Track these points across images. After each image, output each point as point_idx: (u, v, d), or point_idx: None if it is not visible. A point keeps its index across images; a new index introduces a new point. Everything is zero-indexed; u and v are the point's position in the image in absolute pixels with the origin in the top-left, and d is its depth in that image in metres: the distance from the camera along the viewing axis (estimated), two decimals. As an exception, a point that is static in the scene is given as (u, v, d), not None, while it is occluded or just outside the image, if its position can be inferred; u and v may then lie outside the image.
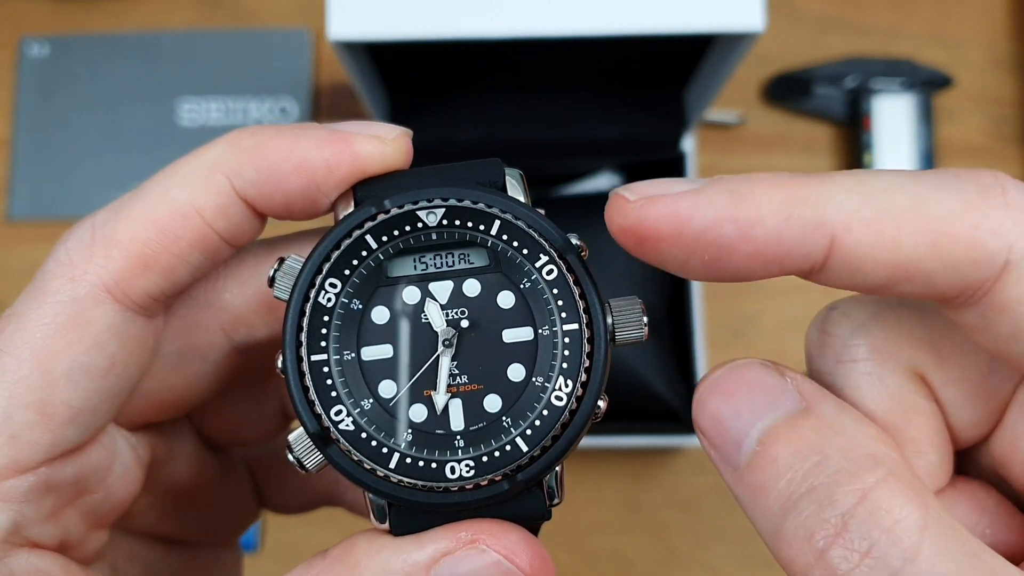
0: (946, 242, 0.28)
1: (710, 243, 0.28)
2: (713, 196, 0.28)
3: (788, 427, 0.28)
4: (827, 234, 0.28)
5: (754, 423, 0.29)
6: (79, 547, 0.35)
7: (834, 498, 0.26)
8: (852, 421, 0.28)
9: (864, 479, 0.26)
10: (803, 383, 0.29)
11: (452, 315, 0.32)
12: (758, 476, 0.28)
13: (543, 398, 0.32)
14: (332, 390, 0.32)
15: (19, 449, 0.31)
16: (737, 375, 0.30)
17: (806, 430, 0.28)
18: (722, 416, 0.29)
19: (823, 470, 0.27)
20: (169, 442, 0.39)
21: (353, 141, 0.33)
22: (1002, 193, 0.28)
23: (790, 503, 0.27)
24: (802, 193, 0.28)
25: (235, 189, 0.33)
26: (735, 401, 0.29)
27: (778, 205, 0.28)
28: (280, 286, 0.32)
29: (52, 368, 0.32)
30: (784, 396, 0.29)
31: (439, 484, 0.31)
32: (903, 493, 0.26)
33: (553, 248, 0.32)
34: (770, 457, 0.28)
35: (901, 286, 0.29)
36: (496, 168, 0.34)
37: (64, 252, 0.33)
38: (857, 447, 0.27)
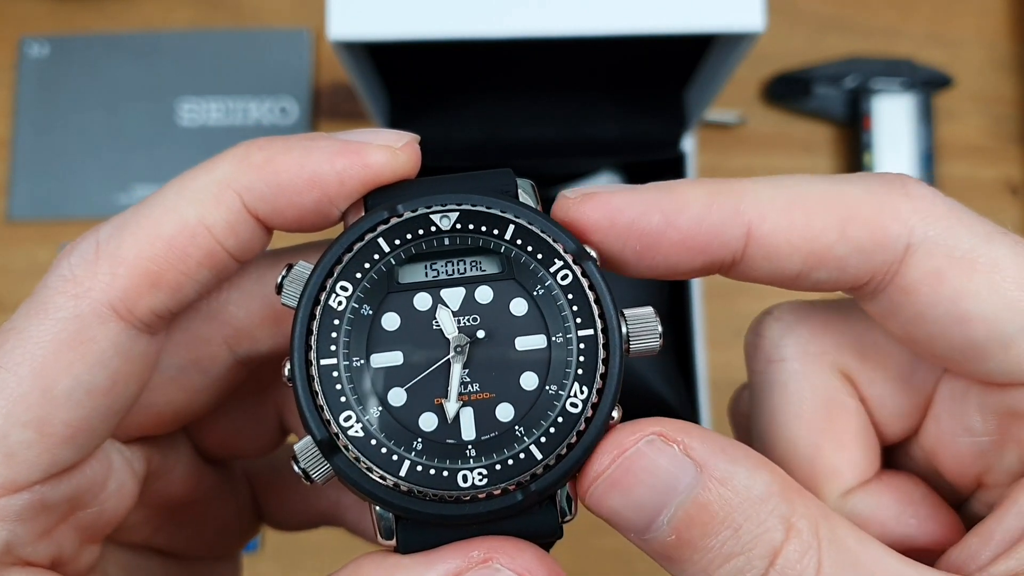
0: (853, 226, 0.31)
1: (640, 232, 0.31)
2: (643, 191, 0.32)
3: (694, 506, 0.29)
4: (744, 222, 0.31)
5: (660, 511, 0.29)
6: (72, 563, 0.34)
7: (751, 566, 0.29)
8: (748, 472, 0.29)
9: (772, 543, 0.28)
10: (692, 442, 0.30)
11: (464, 322, 0.32)
12: (672, 551, 0.30)
13: (557, 406, 0.31)
14: (341, 395, 0.31)
15: (15, 468, 0.31)
16: (629, 469, 0.30)
17: (712, 505, 0.29)
18: (625, 512, 0.30)
19: (737, 541, 0.29)
20: (165, 455, 0.38)
21: (364, 152, 0.32)
22: (903, 186, 0.31)
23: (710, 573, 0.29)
24: (722, 188, 0.32)
25: (245, 205, 0.32)
26: (634, 496, 0.30)
27: (700, 196, 0.31)
28: (288, 292, 0.32)
29: (52, 386, 0.31)
30: (681, 473, 0.29)
31: (451, 493, 0.30)
32: (802, 543, 0.29)
33: (568, 254, 0.32)
34: (684, 538, 0.29)
35: (816, 273, 0.32)
36: (508, 177, 0.34)
37: (67, 267, 0.32)
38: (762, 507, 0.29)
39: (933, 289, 0.30)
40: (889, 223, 0.31)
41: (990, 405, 0.32)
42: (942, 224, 0.31)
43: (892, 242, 0.30)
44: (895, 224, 0.31)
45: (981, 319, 0.30)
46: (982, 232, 0.31)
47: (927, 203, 0.31)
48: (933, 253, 0.30)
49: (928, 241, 0.30)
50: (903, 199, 0.31)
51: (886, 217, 0.31)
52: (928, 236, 0.30)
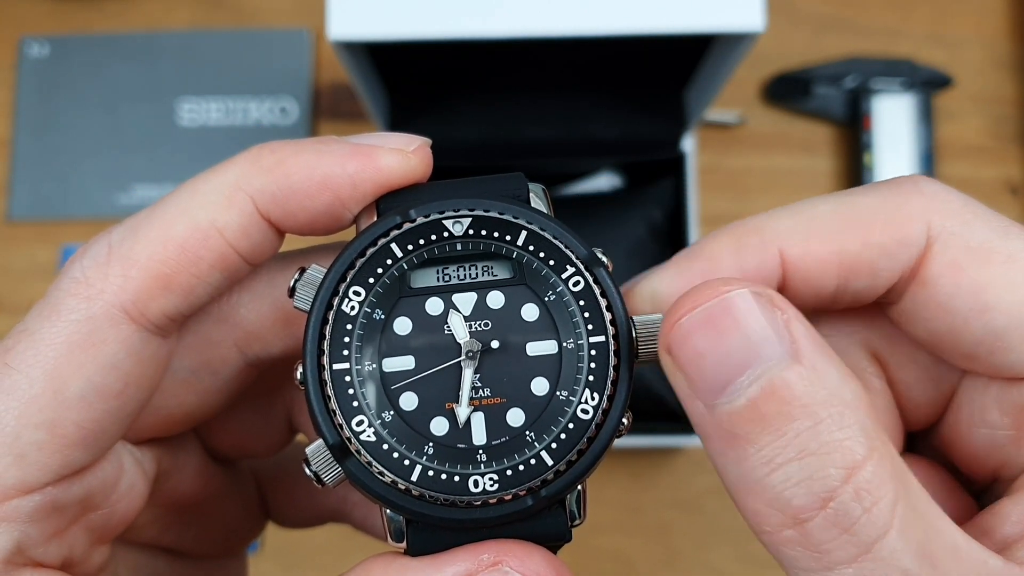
0: (873, 232, 0.31)
1: None
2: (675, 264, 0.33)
3: (780, 381, 0.27)
4: (775, 254, 0.32)
5: (743, 370, 0.27)
6: (82, 564, 0.34)
7: (825, 472, 0.27)
8: (838, 374, 0.28)
9: (853, 455, 0.27)
10: (794, 321, 0.28)
11: (475, 327, 0.32)
12: (741, 427, 0.27)
13: (568, 411, 0.31)
14: (354, 400, 0.31)
15: (27, 469, 0.31)
16: (729, 312, 0.28)
17: (798, 386, 0.27)
18: (708, 356, 0.28)
19: (814, 437, 0.27)
20: (175, 455, 0.38)
21: (376, 155, 0.32)
22: (915, 185, 0.32)
23: (775, 464, 0.27)
24: (744, 230, 0.32)
25: (257, 208, 0.32)
26: (724, 342, 0.28)
27: (727, 246, 0.32)
28: (301, 296, 0.32)
29: (64, 388, 0.31)
30: (777, 340, 0.28)
31: (462, 498, 0.30)
32: (883, 470, 0.27)
33: (580, 260, 0.32)
34: (759, 412, 0.27)
35: (852, 284, 0.32)
36: (520, 182, 0.34)
37: (79, 269, 0.32)
38: (847, 413, 0.27)
39: (953, 280, 0.31)
40: (907, 221, 0.31)
41: (1010, 399, 0.32)
42: (958, 218, 0.31)
43: (914, 238, 0.31)
44: (913, 221, 0.31)
45: (1001, 309, 0.30)
46: (998, 226, 0.31)
47: (941, 199, 0.31)
48: (951, 245, 0.31)
49: (945, 233, 0.31)
50: (917, 197, 0.32)
51: (903, 216, 0.31)
52: (945, 229, 0.31)
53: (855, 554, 0.26)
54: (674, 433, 0.81)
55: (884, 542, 0.26)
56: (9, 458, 0.30)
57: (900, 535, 0.26)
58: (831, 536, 0.27)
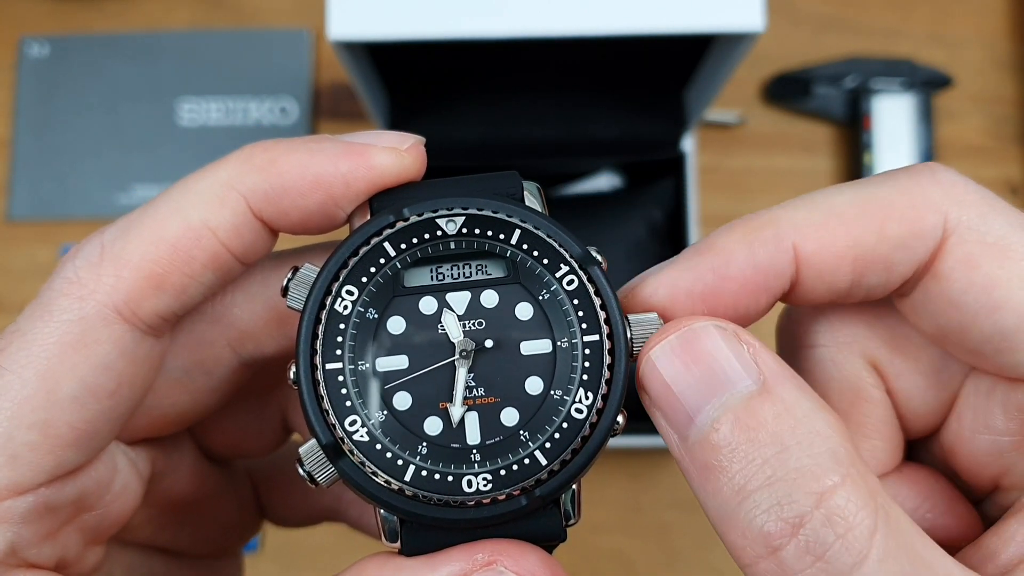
0: (889, 224, 0.31)
1: (701, 296, 0.31)
2: (686, 258, 0.32)
3: (747, 409, 0.27)
4: (788, 248, 0.31)
5: (710, 399, 0.28)
6: (76, 564, 0.34)
7: (793, 498, 0.26)
8: (811, 406, 0.28)
9: (823, 481, 0.26)
10: (761, 354, 0.29)
11: (469, 326, 0.32)
12: (711, 456, 0.28)
13: (562, 411, 0.31)
14: (347, 400, 0.31)
15: (19, 470, 0.31)
16: (693, 342, 0.29)
17: (766, 415, 0.27)
18: (676, 386, 0.29)
19: (782, 464, 0.27)
20: (169, 455, 0.38)
21: (369, 154, 0.32)
22: (931, 174, 0.31)
23: (745, 492, 0.27)
24: (757, 223, 0.31)
25: (250, 207, 0.32)
26: (691, 371, 0.28)
27: (739, 240, 0.31)
28: (294, 295, 0.32)
29: (57, 389, 0.31)
30: (743, 370, 0.28)
31: (455, 498, 0.30)
32: (858, 497, 0.27)
33: (573, 258, 0.32)
34: (726, 440, 0.27)
35: (867, 278, 0.31)
36: (514, 180, 0.34)
37: (72, 269, 0.32)
38: (817, 440, 0.27)
39: (966, 275, 0.30)
40: (924, 213, 0.30)
41: (1013, 402, 0.32)
42: (975, 210, 0.30)
43: (930, 230, 0.30)
44: (929, 213, 0.30)
45: (1012, 308, 0.30)
46: (1015, 221, 0.30)
47: (959, 189, 0.31)
48: (966, 239, 0.30)
49: (962, 226, 0.30)
50: (934, 187, 0.31)
51: (919, 208, 0.31)
52: (962, 221, 0.30)
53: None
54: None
55: (861, 571, 0.26)
56: (1, 459, 0.30)
57: (879, 564, 0.26)
58: (805, 564, 0.26)
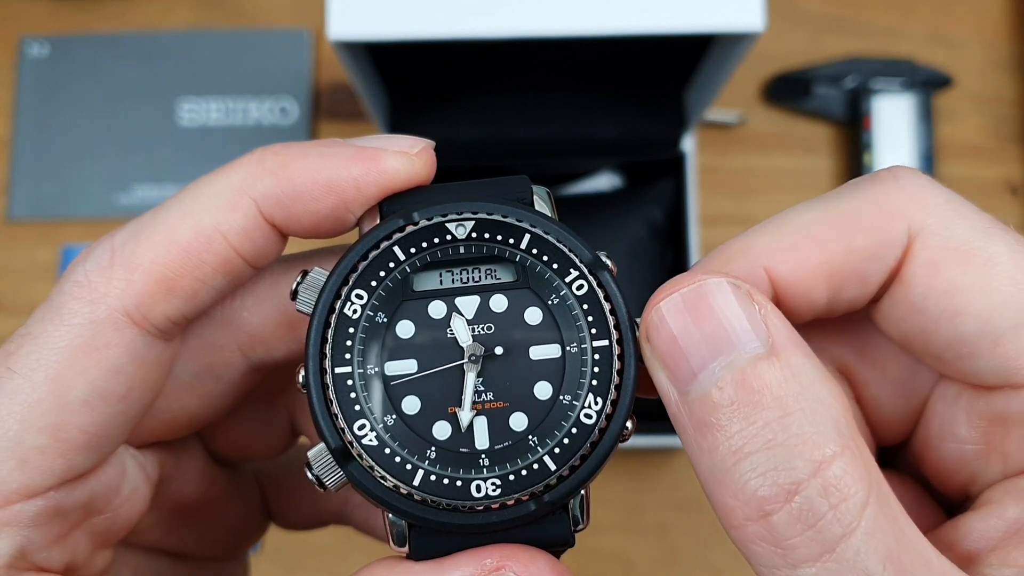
0: (858, 237, 0.30)
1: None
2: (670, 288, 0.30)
3: (752, 370, 0.27)
4: (761, 275, 0.31)
5: (716, 357, 0.28)
6: (85, 568, 0.34)
7: (791, 464, 0.26)
8: (816, 374, 0.28)
9: (823, 450, 0.26)
10: (772, 316, 0.28)
11: (478, 330, 0.32)
12: (711, 414, 0.27)
13: (571, 416, 0.31)
14: (356, 404, 0.31)
15: (30, 474, 0.31)
16: (706, 298, 0.28)
17: (771, 377, 0.27)
18: (682, 340, 0.28)
19: (783, 429, 0.27)
20: (177, 459, 0.38)
21: (380, 158, 0.32)
22: (894, 179, 0.31)
23: (742, 454, 0.27)
24: (730, 253, 0.31)
25: (261, 211, 0.32)
26: (699, 327, 0.28)
27: (716, 271, 0.30)
28: (303, 299, 0.32)
29: (67, 392, 0.31)
30: (752, 331, 0.28)
31: (464, 503, 0.30)
32: (854, 469, 0.26)
33: (583, 263, 0.32)
34: (728, 399, 0.27)
35: (844, 293, 0.31)
36: (524, 185, 0.33)
37: (82, 273, 0.32)
38: (820, 409, 0.27)
39: (927, 281, 0.30)
40: (888, 222, 0.30)
41: (977, 409, 0.32)
42: (938, 215, 0.30)
43: (896, 238, 0.30)
44: (893, 221, 0.30)
45: (973, 314, 0.29)
46: (980, 225, 0.30)
47: (923, 194, 0.30)
48: (929, 244, 0.30)
49: (925, 231, 0.30)
50: (898, 194, 0.31)
51: (884, 217, 0.30)
52: (925, 226, 0.30)
53: (818, 552, 0.26)
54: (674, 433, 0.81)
55: (849, 542, 0.26)
56: (12, 462, 0.30)
57: (867, 537, 0.26)
58: (795, 532, 0.26)
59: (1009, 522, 0.30)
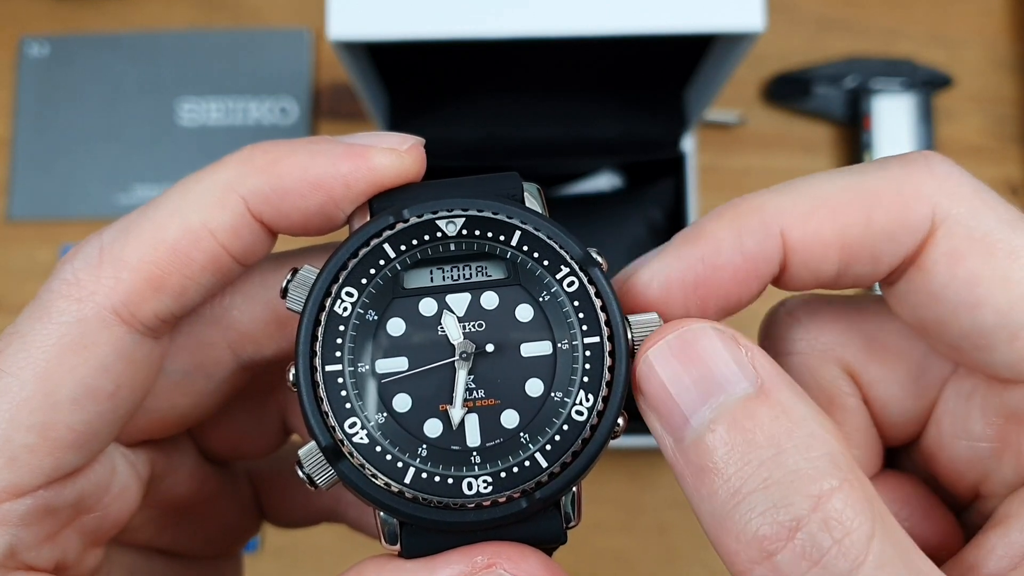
0: (877, 214, 0.30)
1: (693, 287, 0.31)
2: (674, 246, 0.32)
3: (743, 411, 0.27)
4: (776, 234, 0.31)
5: (706, 401, 0.28)
6: (76, 566, 0.34)
7: (789, 501, 0.26)
8: (807, 410, 0.28)
9: (820, 484, 0.26)
10: (759, 358, 0.28)
11: (469, 328, 0.32)
12: (706, 458, 0.27)
13: (563, 413, 0.31)
14: (346, 402, 0.31)
15: (18, 472, 0.31)
16: (691, 344, 0.29)
17: (763, 417, 0.27)
18: (672, 387, 0.28)
19: (779, 467, 0.26)
20: (168, 457, 0.38)
21: (369, 155, 0.32)
22: (926, 164, 0.31)
23: (740, 495, 0.27)
24: (745, 209, 0.31)
25: (249, 209, 0.32)
26: (688, 372, 0.28)
27: (727, 227, 0.31)
28: (293, 297, 0.32)
29: (55, 391, 0.31)
30: (740, 373, 0.28)
31: (455, 501, 0.30)
32: (856, 502, 0.26)
33: (574, 260, 0.32)
34: (722, 441, 0.27)
35: (853, 268, 0.31)
36: (514, 181, 0.33)
37: (70, 271, 0.32)
38: (814, 444, 0.27)
39: (949, 270, 0.30)
40: (913, 204, 0.30)
41: (992, 406, 0.32)
42: (966, 204, 0.30)
43: (918, 222, 0.30)
44: (919, 204, 0.30)
45: (992, 306, 0.29)
46: (1007, 218, 0.30)
47: (953, 181, 0.30)
48: (954, 232, 0.30)
49: (951, 219, 0.30)
50: (927, 178, 0.30)
51: (909, 199, 0.30)
52: (951, 214, 0.30)
53: None
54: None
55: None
56: (0, 461, 0.30)
57: (876, 571, 0.26)
58: (801, 569, 0.26)
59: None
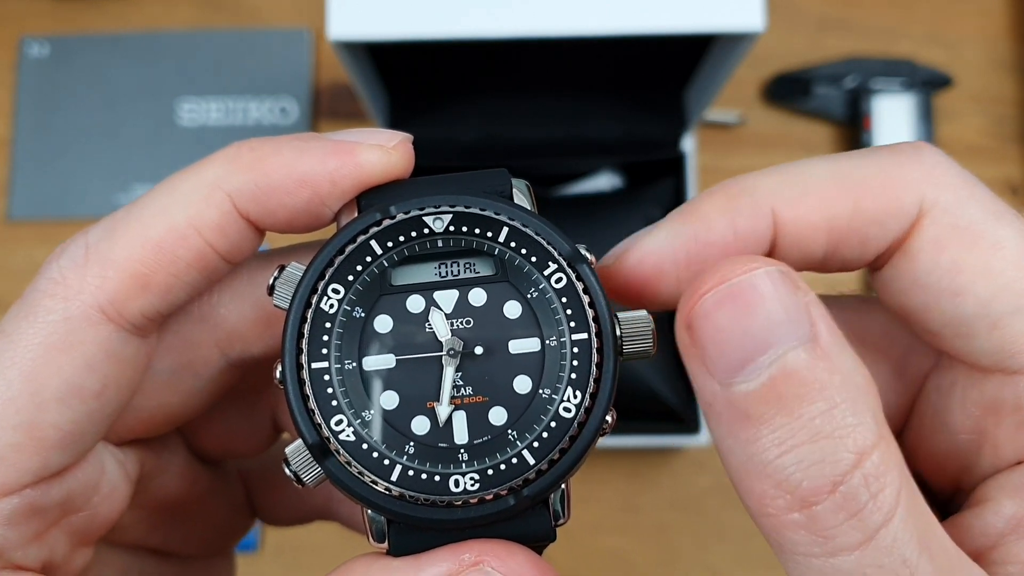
0: (867, 199, 0.31)
1: (684, 266, 0.32)
2: (666, 224, 0.32)
3: (799, 362, 0.26)
4: (767, 214, 0.31)
5: (765, 349, 0.27)
6: (64, 566, 0.34)
7: (837, 456, 0.26)
8: (854, 363, 0.27)
9: (865, 440, 0.26)
10: (814, 304, 0.27)
11: (457, 324, 0.31)
12: (756, 407, 0.27)
13: (550, 410, 0.31)
14: (333, 399, 0.30)
15: (4, 471, 0.30)
16: (755, 290, 0.27)
17: (817, 370, 0.26)
18: (729, 333, 0.27)
19: (829, 421, 0.26)
20: (158, 456, 0.38)
21: (356, 152, 0.32)
22: (916, 152, 0.31)
23: (787, 447, 0.26)
24: (737, 190, 0.32)
25: (236, 206, 0.32)
26: (747, 320, 0.27)
27: (719, 207, 0.31)
28: (280, 294, 0.31)
29: (42, 390, 0.31)
30: (798, 321, 0.27)
31: (442, 498, 0.30)
32: (889, 458, 0.27)
33: (562, 256, 0.32)
34: (776, 393, 0.26)
35: (841, 251, 0.31)
36: (503, 178, 0.33)
37: (56, 270, 0.32)
38: (860, 399, 0.27)
39: (932, 257, 0.30)
40: (900, 192, 0.30)
41: (972, 398, 0.32)
42: (952, 193, 0.30)
43: (905, 209, 0.30)
44: (906, 192, 0.30)
45: (973, 295, 0.30)
46: (992, 209, 0.30)
47: (941, 170, 0.31)
48: (939, 221, 0.30)
49: (937, 208, 0.30)
50: (915, 166, 0.31)
51: (897, 186, 0.30)
52: (938, 203, 0.30)
53: (860, 540, 0.26)
54: (674, 433, 0.81)
55: (888, 529, 0.26)
56: None
57: (903, 524, 0.26)
58: (838, 521, 0.26)
59: (1007, 518, 0.30)
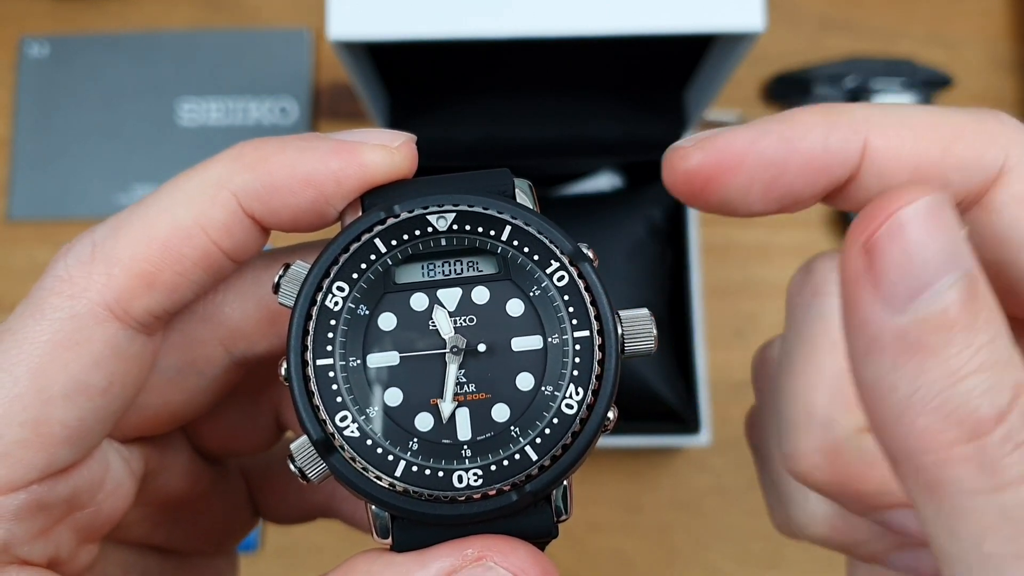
0: (958, 145, 0.32)
1: (767, 163, 0.31)
2: (762, 124, 0.32)
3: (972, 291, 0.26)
4: (860, 139, 0.31)
5: (945, 274, 0.25)
6: (70, 562, 0.34)
7: (1003, 385, 0.25)
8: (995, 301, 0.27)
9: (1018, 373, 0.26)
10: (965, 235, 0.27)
11: (460, 322, 0.32)
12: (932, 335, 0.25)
13: (553, 407, 0.31)
14: (337, 395, 0.31)
15: (11, 467, 0.31)
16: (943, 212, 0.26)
17: (982, 299, 0.26)
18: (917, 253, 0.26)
19: (996, 350, 0.26)
20: (162, 454, 0.38)
21: (360, 151, 0.32)
22: (996, 116, 0.33)
23: (958, 376, 0.25)
24: (837, 110, 0.32)
25: (241, 206, 0.32)
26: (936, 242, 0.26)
27: (819, 120, 0.32)
28: (285, 292, 0.32)
29: (48, 386, 0.31)
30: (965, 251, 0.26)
31: (446, 493, 0.30)
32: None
33: (564, 255, 0.32)
34: (951, 319, 0.25)
35: None
36: (505, 177, 0.34)
37: (63, 268, 0.32)
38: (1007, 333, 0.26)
39: (1015, 212, 0.31)
40: (987, 146, 0.32)
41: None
42: None
43: (990, 162, 0.31)
44: (992, 147, 0.32)
45: None
46: None
47: (1022, 134, 0.32)
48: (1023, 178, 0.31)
49: (1021, 166, 0.31)
50: (1000, 127, 0.32)
51: (985, 140, 0.32)
52: (1022, 162, 0.31)
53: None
54: (674, 433, 0.81)
55: None
56: None
57: None
58: (1005, 451, 0.25)
59: None
